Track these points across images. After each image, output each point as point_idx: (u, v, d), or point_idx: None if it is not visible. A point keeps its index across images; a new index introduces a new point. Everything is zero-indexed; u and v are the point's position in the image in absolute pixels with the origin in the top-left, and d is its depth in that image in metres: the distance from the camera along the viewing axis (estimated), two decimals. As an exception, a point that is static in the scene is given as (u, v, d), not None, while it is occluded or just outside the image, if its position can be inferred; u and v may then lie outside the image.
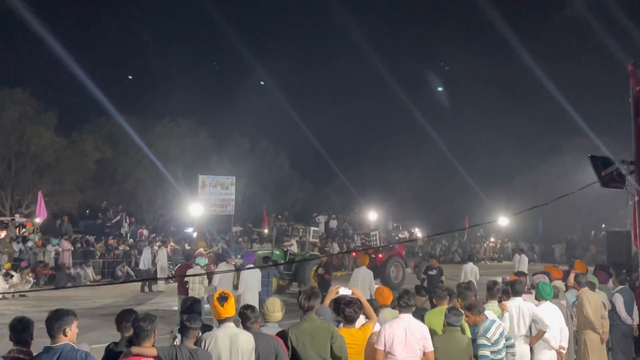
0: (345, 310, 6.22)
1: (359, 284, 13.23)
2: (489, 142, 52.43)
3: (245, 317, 5.83)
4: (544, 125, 50.48)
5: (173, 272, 23.52)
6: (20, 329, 5.03)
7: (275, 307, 6.24)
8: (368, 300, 6.73)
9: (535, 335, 7.68)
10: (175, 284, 15.87)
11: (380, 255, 23.54)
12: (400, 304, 6.51)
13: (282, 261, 20.48)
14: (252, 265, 13.45)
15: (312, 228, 24.59)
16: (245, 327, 5.77)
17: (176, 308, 13.43)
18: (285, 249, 21.81)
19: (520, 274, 10.46)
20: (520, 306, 7.69)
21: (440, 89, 57.39)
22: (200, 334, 5.43)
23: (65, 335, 4.78)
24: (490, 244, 44.81)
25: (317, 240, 23.96)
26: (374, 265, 22.33)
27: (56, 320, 4.77)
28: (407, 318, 6.43)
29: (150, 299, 19.53)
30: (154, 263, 23.46)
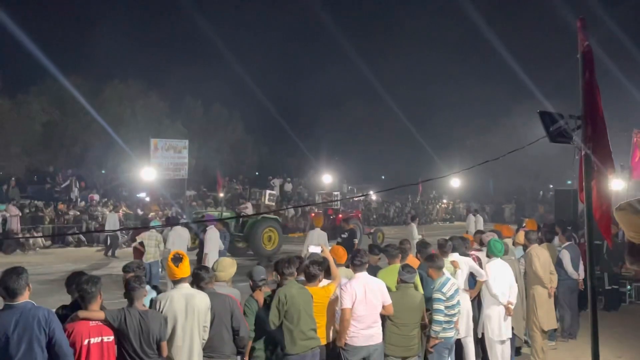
0: (309, 268, 6.31)
1: (315, 244, 13.33)
2: (442, 105, 53.01)
3: (199, 277, 5.79)
4: (494, 87, 51.19)
5: (127, 237, 23.23)
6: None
7: (225, 265, 6.30)
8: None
9: (474, 289, 7.90)
10: (130, 249, 15.67)
11: (340, 216, 23.84)
12: (355, 262, 6.58)
13: (234, 223, 20.42)
14: (212, 226, 13.68)
15: (268, 191, 24.53)
16: (200, 287, 5.73)
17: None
18: (238, 212, 21.81)
19: (479, 232, 10.59)
20: (458, 260, 7.90)
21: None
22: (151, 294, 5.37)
23: (29, 291, 4.64)
24: (443, 205, 45.60)
25: (273, 204, 23.91)
26: (333, 225, 22.73)
27: (19, 275, 4.59)
28: (363, 276, 6.54)
29: (104, 264, 19.26)
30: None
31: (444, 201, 46.23)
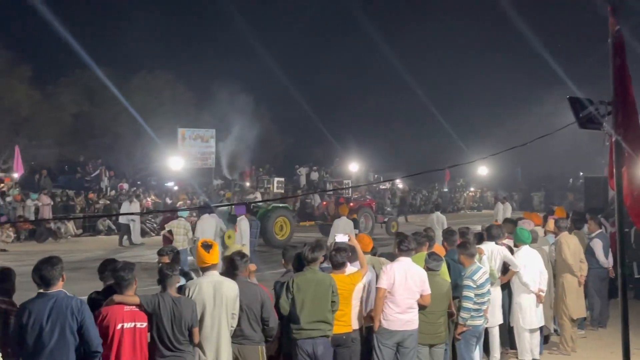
0: (333, 255, 6.34)
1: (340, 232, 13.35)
2: (470, 92, 52.47)
3: (235, 264, 5.85)
4: (523, 73, 50.44)
5: (155, 226, 23.52)
6: (2, 279, 5.02)
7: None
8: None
9: (506, 275, 7.87)
10: (160, 237, 15.86)
11: (351, 205, 23.22)
12: (401, 247, 6.58)
13: None
14: (243, 216, 13.74)
15: (276, 179, 24.14)
16: (233, 275, 5.79)
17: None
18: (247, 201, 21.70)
19: (507, 221, 10.53)
20: (492, 249, 7.90)
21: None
22: (181, 281, 5.45)
23: (63, 281, 4.77)
24: (470, 194, 45.26)
25: (282, 192, 23.60)
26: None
27: (54, 265, 4.72)
28: (407, 261, 6.55)
29: (134, 252, 19.54)
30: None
31: (472, 189, 45.88)
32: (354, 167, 37.82)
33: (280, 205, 21.10)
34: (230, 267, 5.86)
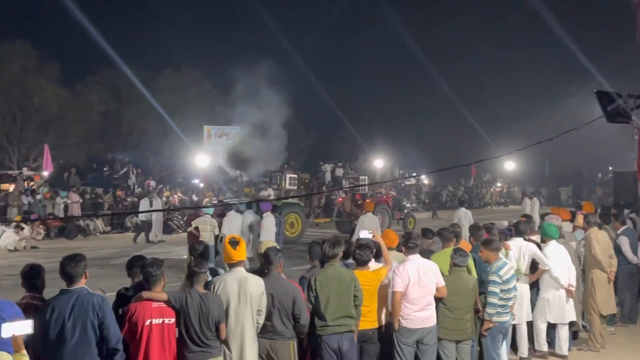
0: (356, 252, 6.34)
1: (366, 229, 13.35)
2: (496, 87, 51.95)
3: (269, 259, 5.89)
4: (550, 67, 49.80)
5: (182, 223, 23.67)
6: (32, 276, 5.11)
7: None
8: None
9: (534, 274, 7.80)
10: (184, 234, 15.97)
11: (367, 201, 22.68)
12: (409, 245, 6.58)
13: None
14: (269, 213, 13.86)
15: (289, 175, 23.68)
16: (267, 269, 5.85)
17: (186, 257, 13.56)
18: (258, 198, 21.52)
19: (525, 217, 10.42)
20: (521, 246, 7.83)
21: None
22: (209, 278, 5.50)
23: (85, 278, 4.86)
24: (497, 189, 44.84)
25: (294, 188, 23.31)
26: (359, 211, 21.92)
27: (77, 262, 4.82)
28: (417, 258, 6.55)
29: (159, 249, 19.71)
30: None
31: (498, 184, 45.44)
32: (379, 163, 37.73)
33: (291, 201, 20.83)
34: (265, 262, 5.89)
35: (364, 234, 7.01)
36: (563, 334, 7.96)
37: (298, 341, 5.96)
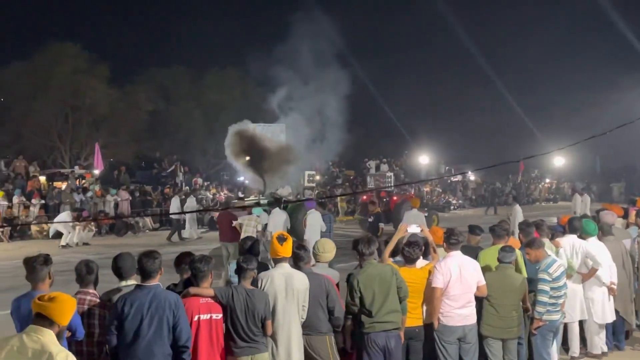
0: (405, 250, 6.32)
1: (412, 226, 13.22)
2: (545, 80, 50.90)
3: (298, 256, 5.90)
4: (601, 60, 48.53)
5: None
6: (86, 272, 5.23)
7: (326, 247, 6.32)
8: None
9: (587, 273, 7.61)
10: (216, 233, 16.02)
11: (394, 198, 22.68)
12: (451, 241, 6.50)
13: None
14: (313, 210, 13.90)
15: (307, 172, 23.40)
16: (297, 267, 5.85)
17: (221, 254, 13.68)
18: (277, 196, 21.39)
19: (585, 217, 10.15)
20: (574, 243, 7.69)
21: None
22: (256, 274, 5.54)
23: (160, 274, 4.99)
24: (546, 185, 43.96)
25: (313, 185, 22.92)
26: (387, 209, 21.69)
27: (154, 258, 4.96)
28: (458, 255, 6.46)
29: (197, 246, 19.82)
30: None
31: (547, 180, 44.54)
32: (424, 159, 37.41)
33: (311, 199, 20.57)
34: (295, 259, 5.92)
35: (412, 228, 6.97)
36: (603, 332, 7.79)
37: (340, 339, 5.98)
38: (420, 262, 6.44)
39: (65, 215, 20.38)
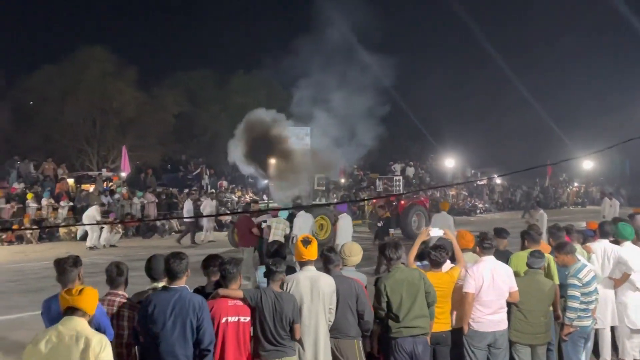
0: (431, 254, 6.26)
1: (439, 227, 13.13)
2: (571, 82, 50.27)
3: (328, 259, 5.88)
4: (629, 60, 47.77)
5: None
6: (117, 273, 5.28)
7: (353, 251, 6.30)
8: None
9: (620, 278, 7.48)
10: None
11: (402, 203, 22.10)
12: (484, 246, 6.43)
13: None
14: (345, 214, 13.99)
15: (317, 175, 22.72)
16: (327, 270, 5.83)
17: (241, 256, 13.69)
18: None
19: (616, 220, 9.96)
20: (606, 248, 7.57)
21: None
22: (285, 277, 5.54)
23: (187, 276, 5.03)
24: (574, 189, 43.37)
25: (323, 188, 22.62)
26: (395, 213, 21.34)
27: (181, 259, 5.02)
28: (491, 260, 6.39)
29: (221, 249, 19.86)
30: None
31: (575, 184, 43.94)
32: (450, 162, 37.17)
33: (321, 203, 20.30)
34: (324, 262, 5.90)
35: (435, 231, 6.90)
36: (636, 338, 7.63)
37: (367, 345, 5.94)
38: (446, 266, 6.37)
39: (93, 210, 20.55)
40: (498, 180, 39.44)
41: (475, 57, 51.84)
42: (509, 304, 6.37)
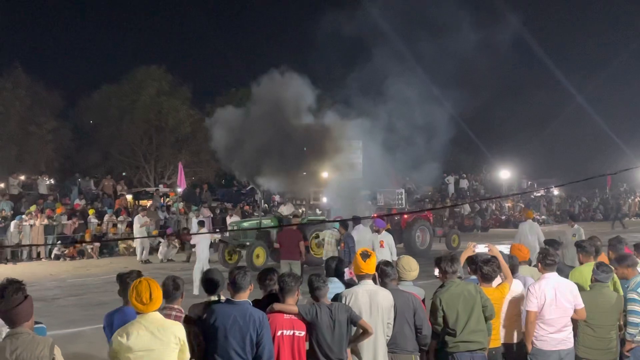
0: (483, 268, 6.12)
1: (528, 236, 12.99)
2: (630, 89, 48.79)
3: (385, 273, 5.86)
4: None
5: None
6: (173, 288, 5.36)
7: (412, 265, 6.25)
8: (510, 257, 6.64)
9: None
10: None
11: (405, 217, 21.45)
12: (547, 262, 6.20)
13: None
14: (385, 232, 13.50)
15: (313, 189, 22.48)
16: (383, 284, 5.80)
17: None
18: (279, 215, 20.85)
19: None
20: None
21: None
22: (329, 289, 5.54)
23: (250, 290, 5.08)
24: (636, 199, 41.95)
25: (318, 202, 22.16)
26: (398, 228, 20.86)
27: (245, 273, 5.07)
28: (554, 276, 6.18)
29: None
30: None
31: (638, 195, 42.49)
32: (504, 174, 36.53)
33: (321, 218, 20.03)
34: (381, 276, 5.87)
35: (479, 248, 6.76)
36: None
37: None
38: (495, 282, 6.23)
39: (136, 224, 21.03)
40: (556, 192, 38.50)
41: (530, 65, 50.87)
42: (574, 321, 6.19)
